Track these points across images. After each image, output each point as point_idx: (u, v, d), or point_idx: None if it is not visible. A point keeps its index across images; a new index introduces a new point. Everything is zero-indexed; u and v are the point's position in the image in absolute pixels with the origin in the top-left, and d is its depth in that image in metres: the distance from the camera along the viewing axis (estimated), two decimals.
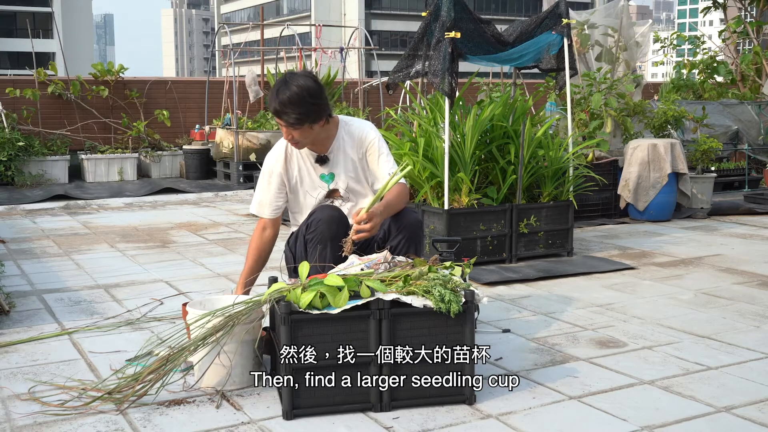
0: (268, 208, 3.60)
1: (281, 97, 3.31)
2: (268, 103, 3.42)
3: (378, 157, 3.55)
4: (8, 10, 57.23)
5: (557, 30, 5.90)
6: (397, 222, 3.43)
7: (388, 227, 3.45)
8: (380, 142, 3.57)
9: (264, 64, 12.64)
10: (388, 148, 3.62)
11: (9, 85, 10.89)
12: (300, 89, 3.30)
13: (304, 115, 3.32)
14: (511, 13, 65.31)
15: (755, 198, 8.32)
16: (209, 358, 3.01)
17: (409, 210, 3.56)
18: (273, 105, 3.34)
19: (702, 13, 14.16)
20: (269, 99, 3.40)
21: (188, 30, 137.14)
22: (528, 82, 12.83)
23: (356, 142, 3.56)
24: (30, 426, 2.77)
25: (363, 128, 3.59)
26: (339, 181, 3.58)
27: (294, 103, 3.29)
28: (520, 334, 3.86)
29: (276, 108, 3.33)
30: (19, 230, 7.13)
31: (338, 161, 3.56)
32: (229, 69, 11.81)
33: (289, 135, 3.41)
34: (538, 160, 5.71)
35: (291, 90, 3.30)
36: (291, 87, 3.31)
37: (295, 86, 3.31)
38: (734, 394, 3.07)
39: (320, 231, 3.32)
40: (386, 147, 3.59)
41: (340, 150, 3.56)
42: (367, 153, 3.57)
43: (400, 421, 2.79)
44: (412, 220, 3.49)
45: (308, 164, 3.58)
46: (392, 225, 3.44)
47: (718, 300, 4.55)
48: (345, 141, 3.56)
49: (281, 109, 3.31)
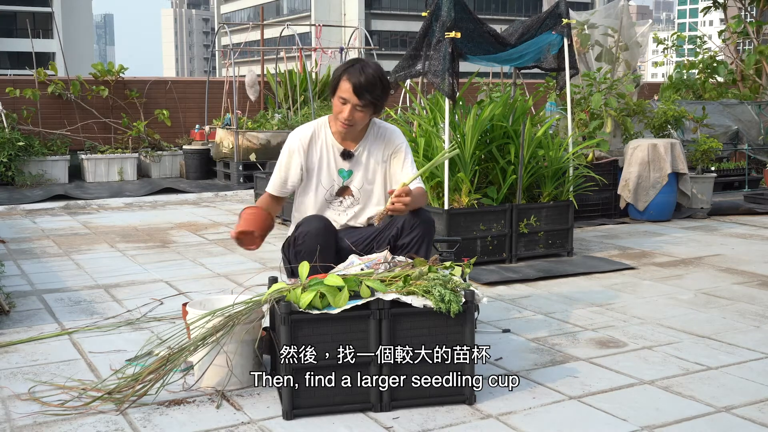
0: (275, 186, 3.55)
1: (367, 75, 3.31)
2: (349, 77, 3.32)
3: (404, 161, 3.57)
4: (8, 10, 57.26)
5: (557, 30, 5.90)
6: (412, 219, 3.44)
7: (402, 224, 3.44)
8: (407, 148, 3.60)
9: (264, 64, 12.65)
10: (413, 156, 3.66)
11: (9, 85, 10.89)
12: (381, 74, 3.37)
13: (378, 99, 3.36)
14: (511, 13, 65.29)
15: (755, 198, 8.32)
16: (209, 358, 3.01)
17: (422, 209, 3.58)
18: (357, 79, 3.30)
19: (702, 13, 14.15)
20: (350, 73, 3.32)
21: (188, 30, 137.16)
22: (528, 82, 12.83)
23: (385, 143, 3.56)
24: (30, 426, 2.77)
25: (394, 131, 3.61)
26: (355, 179, 3.56)
27: (376, 85, 3.33)
28: (520, 334, 3.86)
29: (361, 82, 3.30)
30: (19, 230, 7.13)
31: (361, 160, 3.55)
32: (229, 69, 11.81)
33: (352, 114, 3.37)
34: (538, 160, 5.71)
35: (376, 72, 3.34)
36: (375, 69, 3.35)
37: (377, 70, 3.36)
38: (734, 394, 3.07)
39: (307, 245, 3.30)
40: (411, 154, 3.63)
41: (366, 149, 3.55)
42: (393, 156, 3.57)
43: (400, 421, 2.80)
44: (427, 218, 3.50)
45: (331, 156, 3.54)
46: (407, 222, 3.44)
47: (718, 300, 4.55)
48: (373, 141, 3.55)
49: (366, 85, 3.30)
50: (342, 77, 3.36)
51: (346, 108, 3.37)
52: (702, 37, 12.76)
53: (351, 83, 3.32)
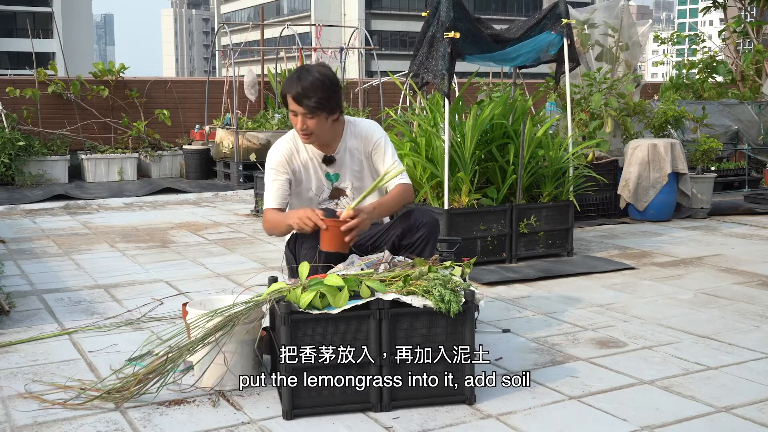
0: (275, 198, 3.49)
1: (303, 82, 3.30)
2: (286, 89, 3.36)
3: (383, 157, 3.56)
4: (8, 10, 57.26)
5: (557, 30, 5.90)
6: (417, 220, 3.44)
7: (408, 224, 3.45)
8: (386, 141, 3.58)
9: (264, 64, 12.65)
10: (394, 148, 3.62)
11: (9, 85, 10.89)
12: (322, 75, 3.33)
13: (324, 101, 3.32)
14: (511, 13, 65.30)
15: (755, 198, 8.32)
16: (209, 358, 3.01)
17: (427, 210, 3.58)
18: (294, 89, 3.31)
19: (702, 12, 14.16)
20: (287, 85, 3.35)
21: (188, 30, 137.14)
22: (528, 82, 12.83)
23: (362, 141, 3.56)
24: (30, 426, 2.77)
25: (369, 128, 3.59)
26: (344, 180, 3.58)
27: (316, 88, 3.29)
28: (520, 334, 3.86)
29: (298, 92, 3.30)
30: (19, 230, 7.13)
31: (344, 161, 3.56)
32: (229, 69, 11.81)
33: (304, 124, 3.37)
34: (538, 160, 5.71)
35: (313, 75, 3.31)
36: (313, 73, 3.32)
37: (317, 72, 3.33)
38: (734, 394, 3.07)
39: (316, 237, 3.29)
40: (392, 146, 3.59)
41: (346, 151, 3.55)
42: (372, 152, 3.57)
43: (400, 421, 2.79)
44: (432, 218, 3.50)
45: (315, 163, 3.56)
46: (412, 222, 3.44)
47: (718, 300, 4.55)
48: (351, 141, 3.56)
49: (303, 92, 3.30)
50: (284, 91, 3.37)
51: (297, 119, 3.37)
52: (700, 35, 12.76)
53: (290, 95, 3.34)
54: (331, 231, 3.16)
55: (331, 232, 3.16)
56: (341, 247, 3.19)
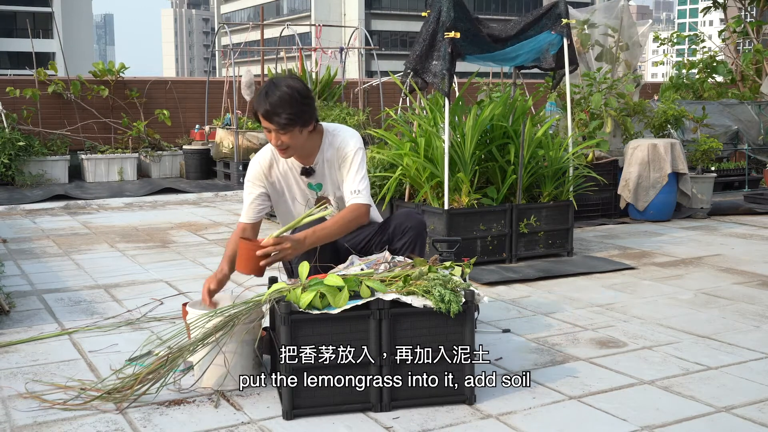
0: (247, 213, 3.49)
1: (271, 99, 3.20)
2: (256, 106, 3.27)
3: (348, 172, 3.42)
4: (8, 10, 57.26)
5: (557, 30, 5.90)
6: (402, 224, 3.43)
7: (393, 229, 3.44)
8: (355, 156, 3.42)
9: (264, 64, 12.65)
10: (365, 164, 3.46)
11: (9, 85, 10.88)
12: (290, 89, 3.22)
13: (295, 116, 3.22)
14: (511, 13, 65.27)
15: (755, 198, 8.32)
16: (209, 358, 3.01)
17: (413, 212, 3.56)
18: (263, 107, 3.22)
19: (702, 12, 14.16)
20: (256, 101, 3.26)
21: (188, 30, 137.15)
22: (528, 82, 12.83)
23: (337, 152, 3.45)
24: (30, 426, 2.77)
25: (344, 139, 3.46)
26: (326, 191, 3.53)
27: (285, 104, 3.19)
28: (520, 334, 3.86)
29: (266, 109, 3.21)
30: (19, 230, 7.13)
31: (323, 173, 3.48)
32: (229, 69, 11.81)
33: (278, 140, 3.27)
34: (538, 160, 5.71)
35: (281, 90, 3.21)
36: (281, 88, 3.21)
37: (284, 86, 3.22)
38: (734, 394, 3.07)
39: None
40: (360, 163, 3.41)
41: (324, 161, 3.46)
42: (341, 165, 3.45)
43: (400, 421, 2.80)
44: (417, 221, 3.48)
45: (296, 174, 3.50)
46: (396, 228, 3.43)
47: (718, 300, 4.55)
48: (329, 152, 3.46)
49: (272, 110, 3.20)
50: (254, 109, 3.29)
51: (271, 135, 3.29)
52: (700, 35, 12.77)
53: (260, 112, 3.26)
54: (246, 252, 3.10)
55: (246, 254, 3.10)
56: (254, 271, 3.12)
